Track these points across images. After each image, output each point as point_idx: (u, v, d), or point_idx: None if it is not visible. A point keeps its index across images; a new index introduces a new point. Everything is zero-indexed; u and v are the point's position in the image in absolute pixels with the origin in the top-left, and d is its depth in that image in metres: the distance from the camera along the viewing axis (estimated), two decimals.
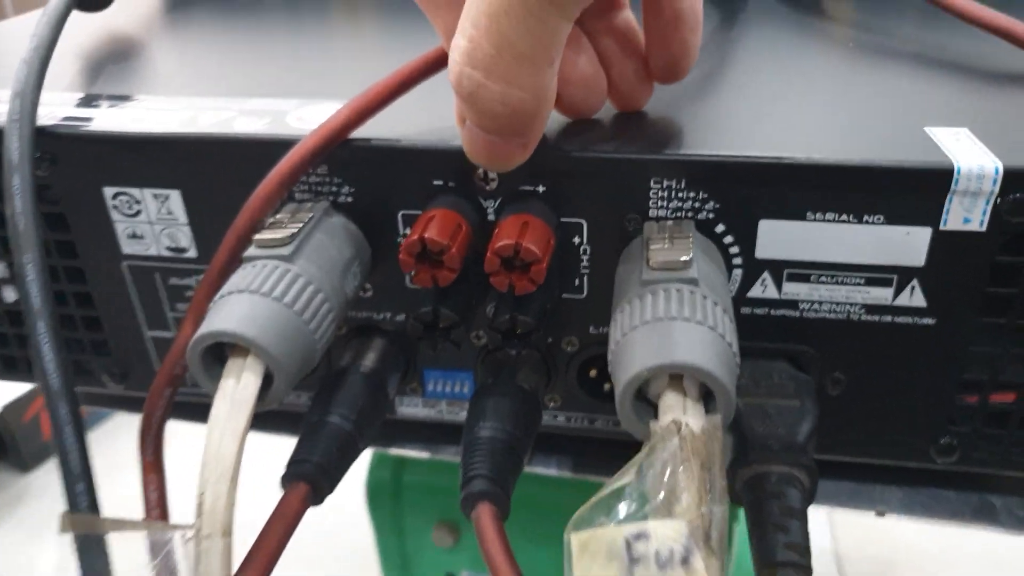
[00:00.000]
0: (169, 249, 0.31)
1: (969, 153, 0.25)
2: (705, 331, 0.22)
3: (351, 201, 0.29)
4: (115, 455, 0.81)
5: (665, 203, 0.27)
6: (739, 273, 0.28)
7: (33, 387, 0.69)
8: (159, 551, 0.22)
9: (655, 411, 0.23)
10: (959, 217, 0.25)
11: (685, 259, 0.24)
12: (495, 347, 0.27)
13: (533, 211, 0.27)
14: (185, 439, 0.38)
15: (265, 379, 0.23)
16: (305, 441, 0.26)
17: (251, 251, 0.26)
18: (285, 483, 0.25)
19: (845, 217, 0.26)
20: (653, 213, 0.27)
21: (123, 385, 0.35)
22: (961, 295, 0.27)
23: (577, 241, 0.28)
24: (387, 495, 0.59)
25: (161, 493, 0.26)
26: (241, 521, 0.22)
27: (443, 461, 0.36)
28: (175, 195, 0.30)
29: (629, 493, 0.20)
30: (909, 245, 0.26)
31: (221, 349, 0.23)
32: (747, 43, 0.39)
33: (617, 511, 0.20)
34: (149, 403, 0.27)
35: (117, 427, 1.25)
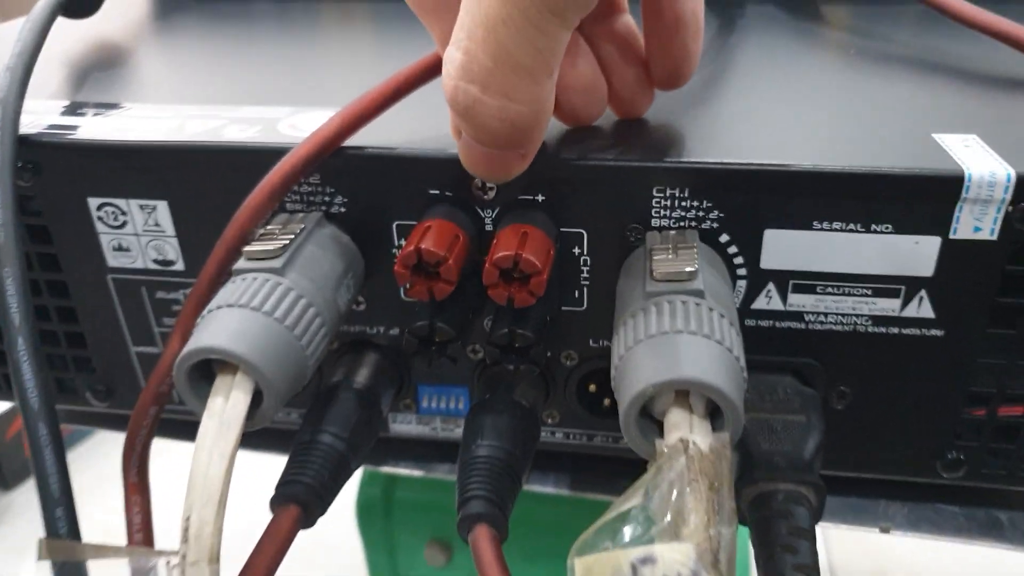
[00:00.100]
0: (156, 262, 0.30)
1: (980, 160, 0.25)
2: (712, 345, 0.22)
3: (344, 211, 0.28)
4: (98, 471, 0.80)
5: (668, 212, 0.26)
6: (743, 284, 0.27)
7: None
8: None
9: (660, 429, 0.22)
10: (969, 226, 0.25)
11: (690, 270, 0.23)
12: (493, 362, 0.26)
13: (532, 221, 0.26)
14: (171, 457, 0.37)
15: (255, 397, 0.22)
16: (296, 461, 0.25)
17: (241, 264, 0.25)
18: (275, 505, 0.24)
19: (852, 226, 0.25)
20: (655, 223, 0.26)
21: (107, 403, 0.34)
22: (970, 306, 0.26)
23: (577, 252, 0.27)
24: (378, 512, 0.58)
25: (145, 516, 0.25)
26: (228, 546, 0.21)
27: (436, 478, 0.35)
28: (162, 206, 0.29)
29: (635, 515, 0.20)
30: (918, 255, 0.26)
31: (209, 366, 0.23)
32: (747, 50, 0.39)
33: (622, 534, 0.19)
34: (134, 422, 0.26)
35: (100, 443, 1.23)
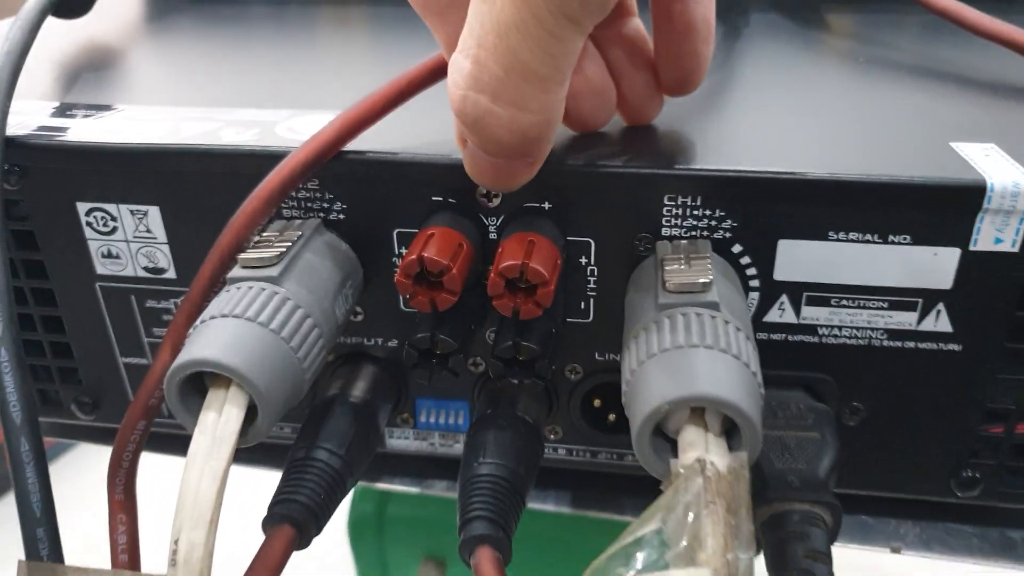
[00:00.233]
0: (146, 270, 0.29)
1: (1001, 169, 0.24)
2: (729, 360, 0.21)
3: (343, 218, 0.27)
4: (81, 485, 0.78)
5: (679, 221, 0.25)
6: (756, 296, 0.26)
7: None
8: None
9: (673, 447, 0.21)
10: (990, 237, 0.24)
11: (705, 281, 0.22)
12: (496, 376, 0.25)
13: (539, 229, 0.25)
14: (159, 473, 0.36)
15: (248, 412, 0.22)
16: (290, 478, 0.24)
17: (235, 272, 0.24)
18: (268, 525, 0.23)
19: (869, 237, 0.25)
20: (666, 232, 0.25)
21: (93, 416, 0.33)
22: (989, 320, 0.26)
23: (584, 261, 0.27)
24: (370, 530, 0.57)
25: (132, 536, 0.24)
26: (219, 570, 0.20)
27: (431, 495, 0.34)
28: (154, 211, 0.28)
29: (649, 540, 0.19)
30: (936, 266, 0.25)
31: (201, 379, 0.22)
32: (753, 57, 0.38)
33: (635, 560, 0.19)
34: (121, 436, 0.25)
35: (83, 455, 1.21)
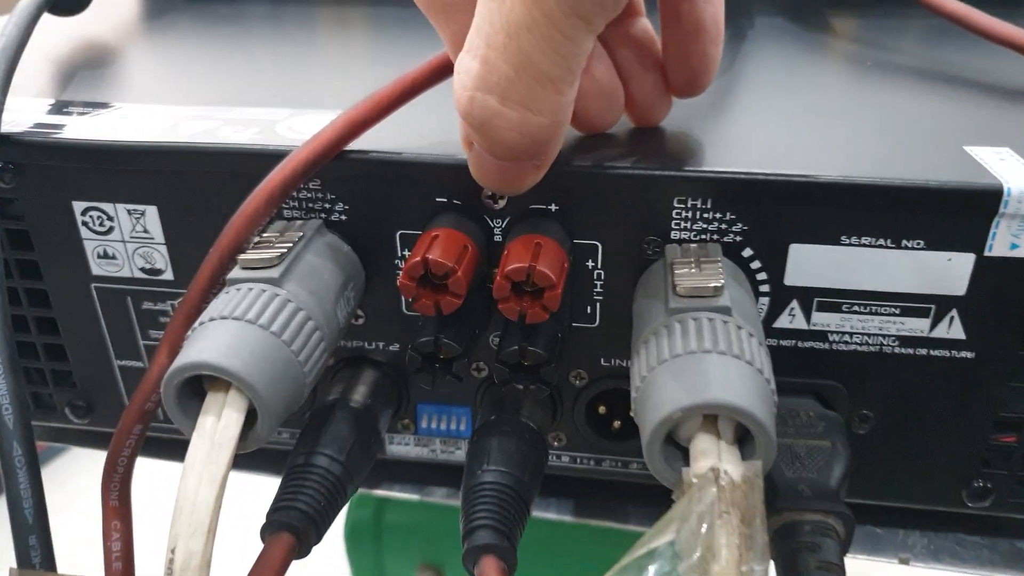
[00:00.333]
0: (143, 270, 0.29)
1: (1017, 173, 0.23)
2: (742, 366, 0.20)
3: (345, 219, 0.27)
4: (72, 489, 0.77)
5: (689, 224, 0.25)
6: (766, 302, 0.26)
7: None
8: None
9: (684, 455, 0.20)
10: (1006, 242, 0.24)
11: (716, 285, 0.22)
12: (501, 381, 0.25)
13: (545, 232, 0.25)
14: (155, 478, 0.35)
15: (248, 416, 0.21)
16: (289, 485, 0.24)
17: (235, 273, 0.23)
18: (266, 533, 0.23)
19: (882, 241, 0.24)
20: (675, 235, 0.25)
21: (87, 420, 0.33)
22: (1003, 327, 0.25)
23: (591, 265, 0.26)
24: (367, 536, 0.56)
25: (126, 543, 0.24)
26: None
27: (430, 502, 0.33)
28: (151, 211, 0.28)
29: (662, 552, 0.18)
30: (950, 272, 0.24)
31: (199, 382, 0.21)
32: (760, 60, 0.38)
33: (647, 573, 0.18)
34: (116, 441, 0.24)
35: (75, 459, 1.20)
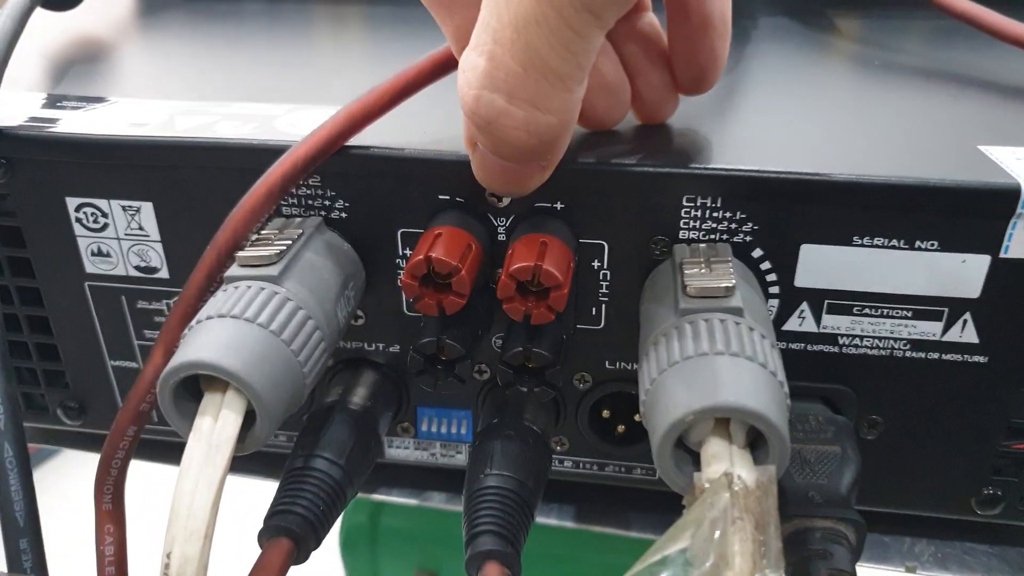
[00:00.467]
0: (138, 269, 0.28)
1: None
2: (755, 368, 0.20)
3: (345, 216, 0.26)
4: (65, 488, 0.77)
5: (698, 224, 0.24)
6: (775, 303, 0.25)
7: None
8: None
9: (694, 459, 0.20)
10: (1022, 244, 0.23)
11: (728, 285, 0.21)
12: (505, 383, 0.24)
13: (550, 230, 0.24)
14: (149, 481, 0.34)
15: (246, 418, 0.21)
16: (287, 489, 0.24)
17: (233, 271, 0.23)
18: (264, 538, 0.22)
19: (895, 243, 0.24)
20: (684, 235, 0.25)
21: (79, 421, 0.32)
22: (1018, 331, 0.25)
23: (597, 265, 0.26)
24: (363, 541, 0.56)
25: (120, 548, 0.23)
26: None
27: (427, 506, 0.33)
28: (147, 208, 0.27)
29: (673, 559, 0.18)
30: (964, 274, 0.24)
31: (196, 383, 0.21)
32: (765, 59, 0.37)
33: None
34: (110, 442, 0.24)
35: (67, 461, 1.19)
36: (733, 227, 0.24)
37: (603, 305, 0.26)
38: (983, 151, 0.25)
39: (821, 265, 0.24)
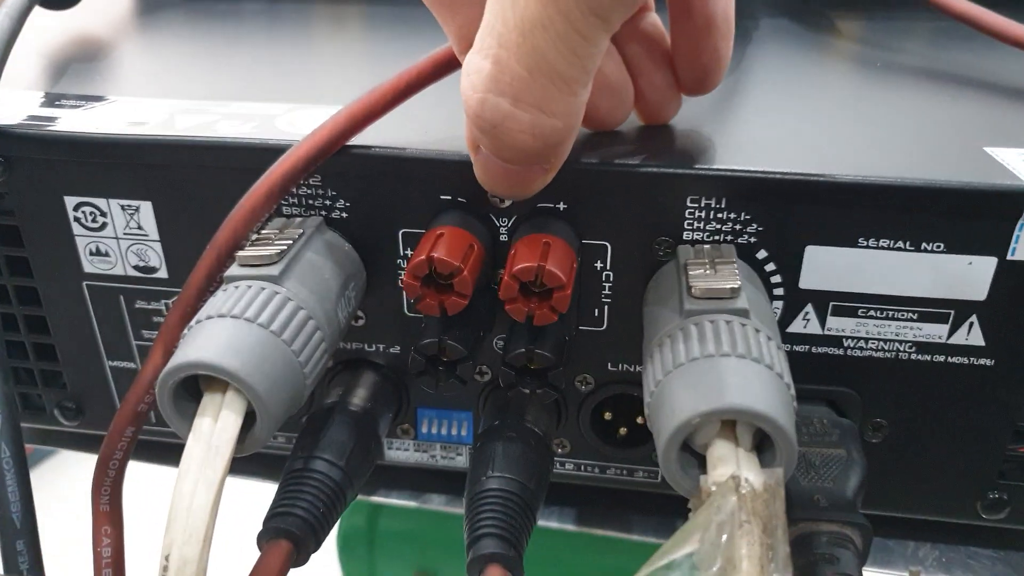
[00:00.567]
0: (137, 268, 0.28)
1: None
2: (762, 370, 0.20)
3: (346, 216, 0.26)
4: (62, 488, 0.76)
5: (702, 225, 0.24)
6: (779, 305, 0.25)
7: None
8: None
9: (700, 462, 0.20)
10: None
11: (733, 287, 0.21)
12: (507, 385, 0.24)
13: (553, 231, 0.24)
14: (148, 482, 0.34)
15: (246, 419, 0.20)
16: (286, 491, 0.23)
17: (233, 270, 0.23)
18: (263, 540, 0.22)
19: (901, 244, 0.24)
20: (687, 236, 0.24)
21: (76, 422, 0.32)
22: None
23: (599, 266, 0.25)
24: (361, 543, 0.56)
25: (117, 549, 0.23)
26: None
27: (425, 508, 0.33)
28: (146, 207, 0.27)
29: (679, 563, 0.17)
30: (971, 277, 0.24)
31: (196, 383, 0.20)
32: (767, 60, 0.37)
33: None
34: (108, 443, 0.23)
35: (64, 461, 1.18)
36: (737, 228, 0.24)
37: (606, 306, 0.26)
38: (989, 152, 0.24)
39: (826, 266, 0.24)
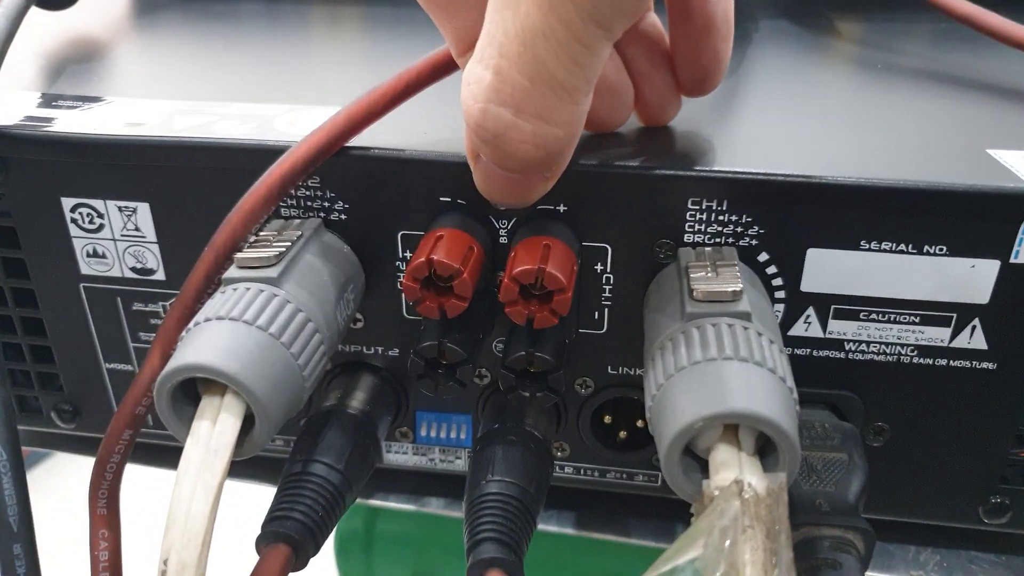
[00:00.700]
0: (134, 270, 0.28)
1: None
2: (764, 374, 0.19)
3: (345, 218, 0.26)
4: (60, 490, 0.76)
5: (703, 227, 0.24)
6: (781, 308, 0.25)
7: None
8: None
9: (702, 466, 0.20)
10: None
11: (735, 290, 0.21)
12: (508, 388, 0.24)
13: (553, 233, 0.24)
14: (145, 486, 0.34)
15: (245, 422, 0.20)
16: (285, 494, 0.23)
17: (231, 272, 0.23)
18: (262, 544, 0.22)
19: (903, 247, 0.23)
20: (688, 238, 0.24)
21: (73, 424, 0.32)
22: None
23: (600, 268, 0.25)
24: (358, 546, 0.55)
25: (114, 553, 0.23)
26: None
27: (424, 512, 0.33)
28: (143, 208, 0.27)
29: (682, 569, 0.17)
30: (973, 280, 0.24)
31: (194, 386, 0.20)
32: (767, 62, 0.37)
33: None
34: (105, 446, 0.23)
35: (61, 464, 1.18)
36: (739, 230, 0.24)
37: (606, 309, 0.26)
38: (992, 154, 0.24)
39: (828, 269, 0.24)
